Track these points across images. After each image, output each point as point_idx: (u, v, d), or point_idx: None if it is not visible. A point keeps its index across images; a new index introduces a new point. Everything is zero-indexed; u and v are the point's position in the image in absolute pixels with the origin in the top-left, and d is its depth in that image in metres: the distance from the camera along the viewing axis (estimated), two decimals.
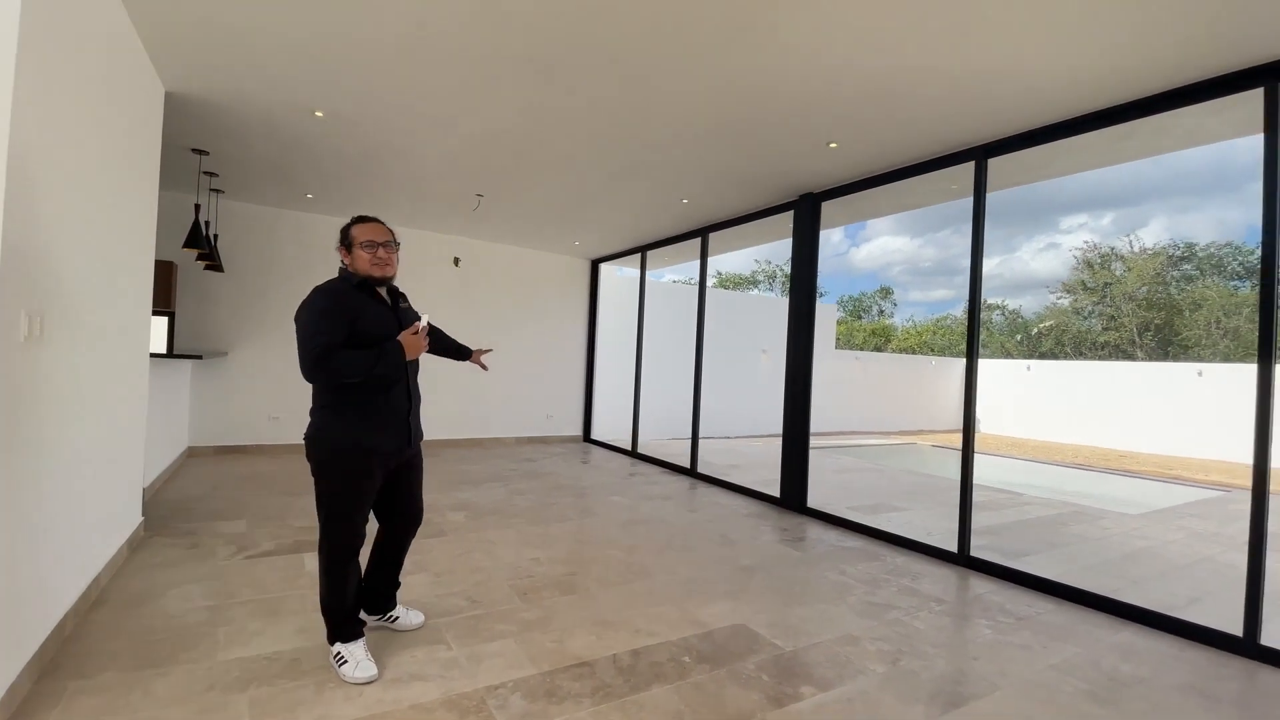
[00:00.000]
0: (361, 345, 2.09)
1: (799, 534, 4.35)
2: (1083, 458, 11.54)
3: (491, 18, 2.74)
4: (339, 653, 2.18)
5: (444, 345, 2.75)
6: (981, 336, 4.30)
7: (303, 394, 6.95)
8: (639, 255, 7.83)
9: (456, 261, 7.70)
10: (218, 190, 5.83)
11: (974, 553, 3.74)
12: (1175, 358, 19.62)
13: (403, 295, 2.42)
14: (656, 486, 5.80)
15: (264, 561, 3.27)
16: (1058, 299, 24.28)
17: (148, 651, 2.27)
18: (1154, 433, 12.65)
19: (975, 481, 3.85)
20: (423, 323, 2.18)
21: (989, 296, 29.98)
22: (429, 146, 4.47)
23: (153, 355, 3.85)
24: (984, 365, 16.23)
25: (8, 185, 1.74)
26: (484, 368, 2.88)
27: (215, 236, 5.66)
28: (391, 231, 2.29)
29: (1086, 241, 33.23)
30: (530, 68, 3.19)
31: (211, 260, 5.26)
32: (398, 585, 2.55)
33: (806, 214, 5.17)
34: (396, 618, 2.52)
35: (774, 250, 29.64)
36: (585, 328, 8.81)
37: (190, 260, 5.67)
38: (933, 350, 26.01)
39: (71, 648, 2.27)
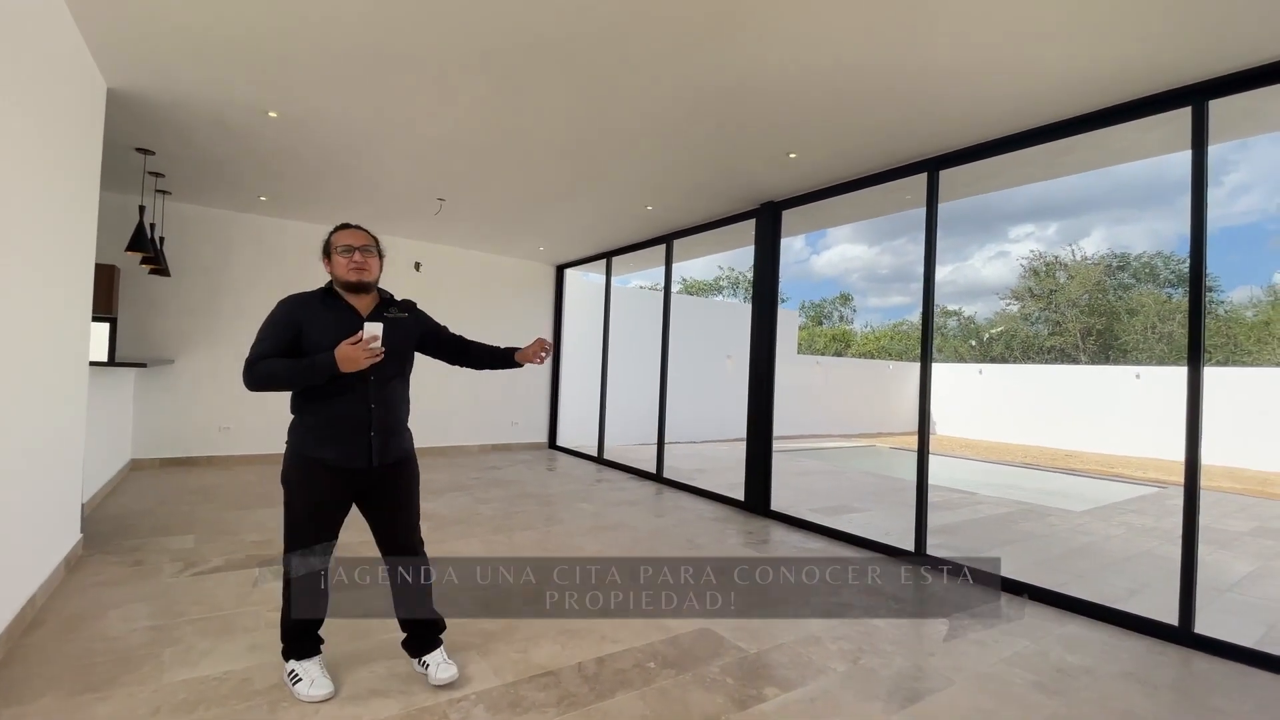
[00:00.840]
0: (310, 354, 2.03)
1: (763, 536, 4.41)
2: (1031, 457, 12.01)
3: (450, 20, 2.72)
4: (292, 670, 2.11)
5: (473, 354, 2.42)
6: (936, 341, 4.44)
7: (255, 402, 6.65)
8: (604, 261, 7.83)
9: (418, 266, 7.56)
10: (164, 191, 5.60)
11: (930, 551, 3.85)
12: (1115, 361, 20.63)
13: (399, 303, 2.29)
14: (623, 492, 5.80)
15: (213, 578, 3.14)
16: (1007, 305, 25.28)
17: (88, 675, 2.16)
18: (1097, 432, 13.27)
19: (931, 482, 3.97)
20: (367, 333, 1.97)
21: (945, 303, 31.01)
22: (388, 149, 4.39)
23: (92, 363, 3.66)
24: (939, 369, 16.76)
25: None
26: (539, 360, 2.38)
27: (161, 239, 5.43)
28: (374, 238, 2.23)
29: (1033, 250, 34.73)
30: (489, 71, 3.17)
31: (157, 264, 5.04)
32: (429, 627, 2.26)
33: (768, 222, 5.27)
34: (427, 665, 2.20)
35: (736, 257, 30.05)
36: (550, 334, 8.76)
37: (134, 264, 5.43)
38: (890, 355, 26.73)
39: (5, 673, 2.14)
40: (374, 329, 1.98)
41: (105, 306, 5.35)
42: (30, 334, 2.52)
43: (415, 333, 2.30)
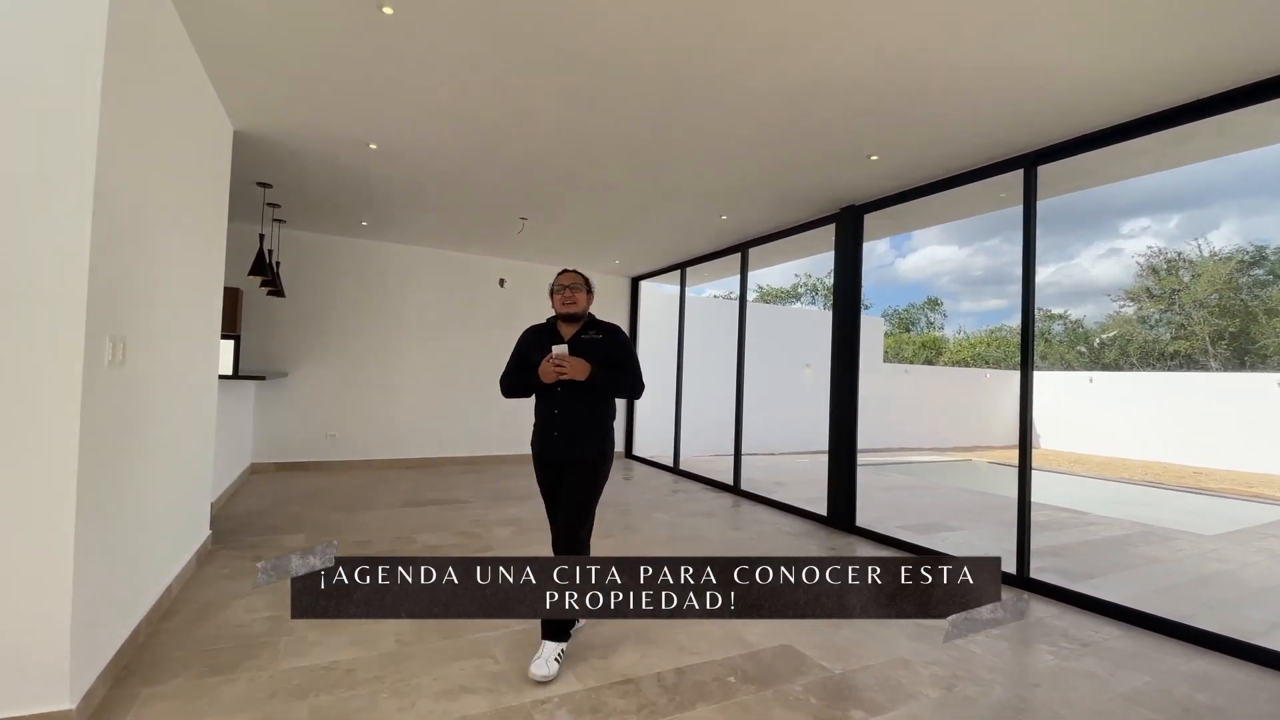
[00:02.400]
0: (532, 368, 2.56)
1: (847, 553, 4.25)
2: (1153, 474, 10.90)
3: (528, 48, 2.85)
4: (542, 646, 2.43)
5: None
6: (1039, 348, 4.15)
7: (358, 413, 7.08)
8: (679, 272, 7.87)
9: (502, 283, 7.91)
10: (280, 220, 6.17)
11: (1034, 574, 3.58)
12: (1253, 367, 18.39)
13: (599, 326, 2.68)
14: (699, 504, 5.77)
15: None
16: (1121, 307, 23.14)
17: (214, 659, 2.39)
18: (1232, 447, 11.86)
19: (1037, 500, 3.70)
20: (554, 353, 2.42)
21: (1047, 306, 28.83)
22: (473, 174, 4.64)
23: (220, 377, 4.07)
24: (1044, 378, 15.57)
25: (94, 221, 1.90)
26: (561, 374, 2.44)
27: (277, 264, 5.98)
28: (585, 278, 2.70)
29: (1151, 246, 31.62)
30: (565, 93, 3.29)
31: (274, 286, 5.56)
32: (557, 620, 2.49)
33: (848, 227, 5.12)
34: (580, 627, 2.72)
35: (814, 263, 29.27)
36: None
37: (254, 286, 6.01)
38: (987, 362, 25.10)
39: (144, 655, 2.40)
40: (559, 350, 2.43)
41: (230, 325, 5.95)
42: (174, 351, 2.84)
43: (606, 353, 2.60)
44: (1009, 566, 3.68)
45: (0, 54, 1.79)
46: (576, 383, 2.49)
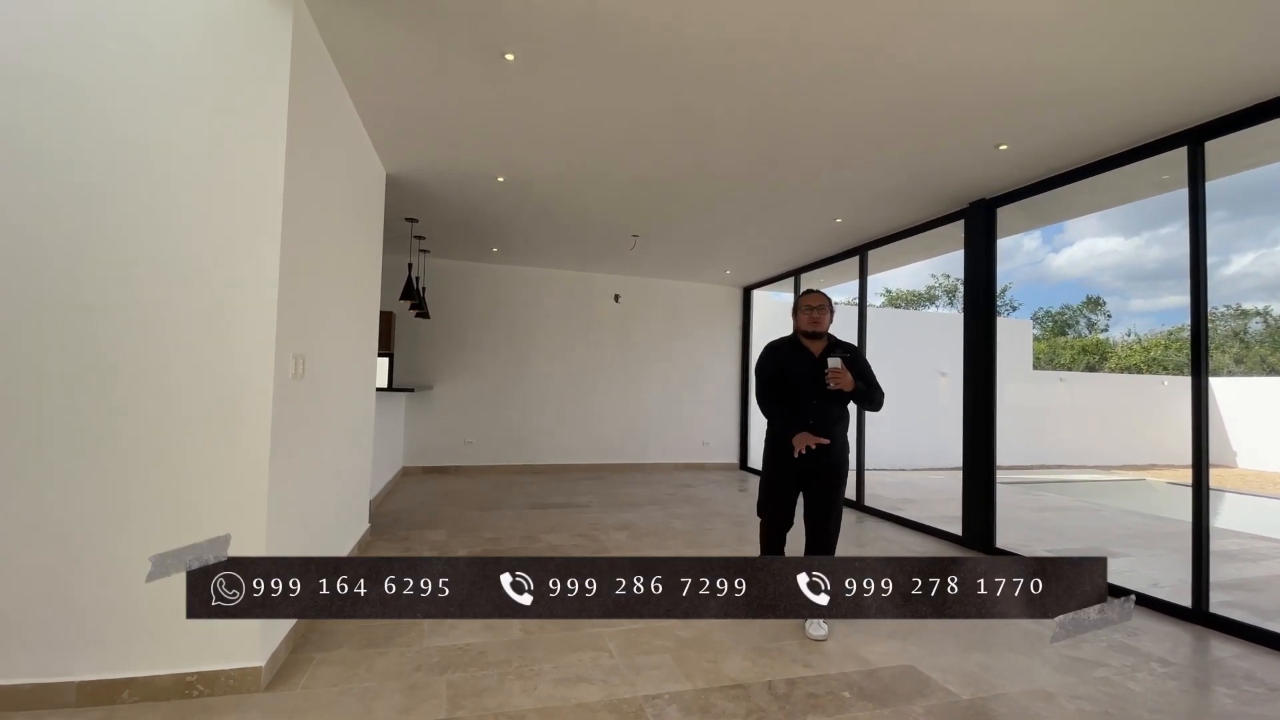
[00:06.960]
0: (787, 384, 2.91)
1: None
2: None
3: (637, 73, 3.01)
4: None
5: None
6: (1234, 350, 3.62)
7: (491, 421, 7.64)
8: (792, 279, 7.72)
9: (617, 298, 8.22)
10: (424, 250, 6.90)
11: (1214, 609, 3.11)
12: None
13: (842, 346, 2.96)
14: None
15: None
16: None
17: (371, 635, 2.73)
18: None
19: (1229, 527, 3.25)
20: (831, 365, 2.76)
21: (1242, 301, 24.54)
22: (590, 196, 4.92)
23: (377, 389, 4.63)
24: (1240, 385, 13.28)
25: (282, 257, 2.29)
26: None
27: (423, 289, 6.68)
28: (828, 299, 2.96)
29: None
30: (675, 110, 3.41)
31: (420, 309, 6.22)
32: None
33: (979, 223, 4.77)
34: (805, 624, 2.86)
35: (946, 262, 27.10)
36: (738, 356, 8.84)
37: (404, 309, 6.75)
38: (1165, 368, 21.78)
39: (317, 627, 2.79)
40: (835, 362, 2.78)
41: (385, 344, 6.73)
42: (341, 367, 3.31)
43: (857, 371, 2.90)
44: (1182, 599, 3.23)
45: (209, 123, 2.23)
46: (829, 396, 2.83)
